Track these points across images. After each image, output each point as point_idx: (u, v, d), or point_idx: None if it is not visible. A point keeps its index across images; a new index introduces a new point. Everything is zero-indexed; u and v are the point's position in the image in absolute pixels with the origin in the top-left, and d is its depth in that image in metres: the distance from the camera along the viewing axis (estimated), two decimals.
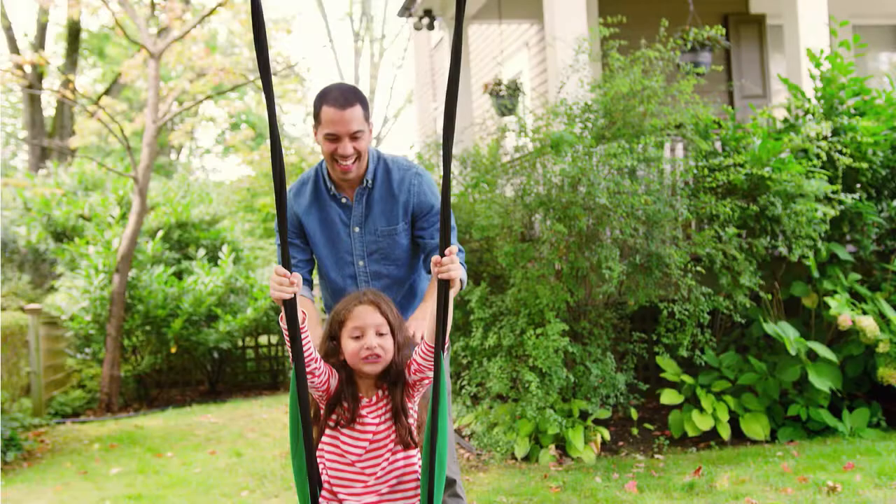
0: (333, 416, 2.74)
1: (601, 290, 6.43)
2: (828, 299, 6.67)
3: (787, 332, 6.60)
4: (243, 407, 10.47)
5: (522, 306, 6.57)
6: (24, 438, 8.21)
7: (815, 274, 6.90)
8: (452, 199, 7.53)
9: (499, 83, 10.23)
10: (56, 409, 10.40)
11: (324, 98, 3.42)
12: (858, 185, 7.21)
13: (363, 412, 2.74)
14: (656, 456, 6.40)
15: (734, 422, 6.74)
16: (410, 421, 2.78)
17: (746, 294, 6.74)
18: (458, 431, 7.24)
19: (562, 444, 6.50)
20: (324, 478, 2.74)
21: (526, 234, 6.90)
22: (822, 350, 6.55)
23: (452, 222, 3.72)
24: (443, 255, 2.58)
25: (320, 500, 2.69)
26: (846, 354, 6.77)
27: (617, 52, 6.99)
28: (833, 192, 6.81)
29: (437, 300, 2.57)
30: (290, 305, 2.50)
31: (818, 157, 6.84)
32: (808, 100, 7.43)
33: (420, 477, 2.70)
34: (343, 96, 3.39)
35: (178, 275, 12.07)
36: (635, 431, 6.88)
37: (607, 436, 6.58)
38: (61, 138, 20.31)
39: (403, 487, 2.75)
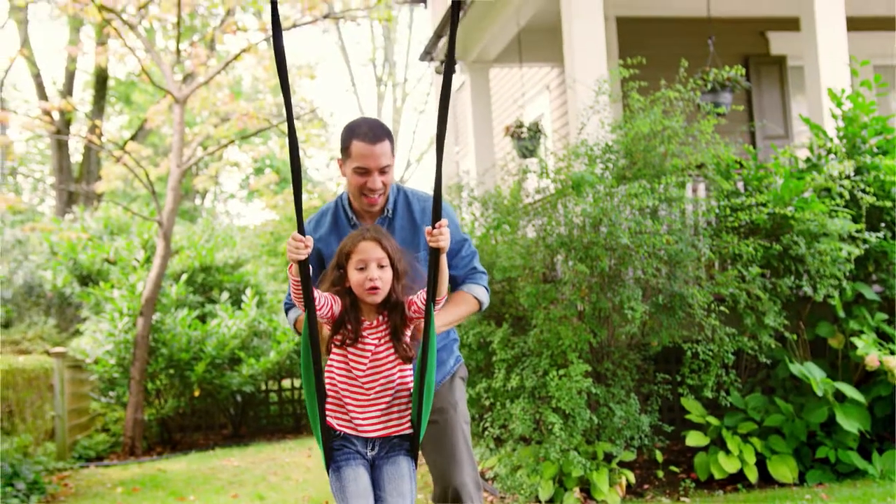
0: (338, 336, 3.12)
1: (624, 330, 6.39)
2: (854, 339, 6.60)
3: (813, 373, 6.53)
4: (266, 450, 10.44)
5: (545, 347, 6.54)
6: (48, 482, 8.21)
7: (841, 314, 6.84)
8: (474, 240, 7.55)
9: (520, 126, 10.27)
10: (80, 452, 10.41)
11: (354, 132, 3.51)
12: (883, 224, 7.16)
13: (364, 333, 3.13)
14: (682, 499, 6.31)
15: (761, 464, 6.65)
16: (407, 340, 3.18)
17: (771, 335, 6.68)
18: (481, 474, 7.17)
19: (586, 487, 6.43)
20: (333, 391, 3.14)
21: (548, 275, 6.89)
22: (850, 391, 6.47)
23: (479, 265, 3.80)
24: (434, 229, 2.98)
25: (332, 410, 3.13)
26: (874, 395, 6.69)
27: (637, 93, 7.01)
28: (857, 231, 6.76)
29: (429, 265, 3.03)
30: (303, 265, 2.94)
31: (841, 195, 6.81)
32: (831, 139, 7.42)
33: (412, 394, 3.16)
34: (373, 131, 3.49)
35: (202, 318, 12.12)
36: (661, 474, 6.80)
37: (632, 478, 6.50)
38: (87, 184, 20.54)
39: (399, 401, 3.17)
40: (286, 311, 3.77)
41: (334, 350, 3.15)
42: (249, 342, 11.72)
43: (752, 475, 6.47)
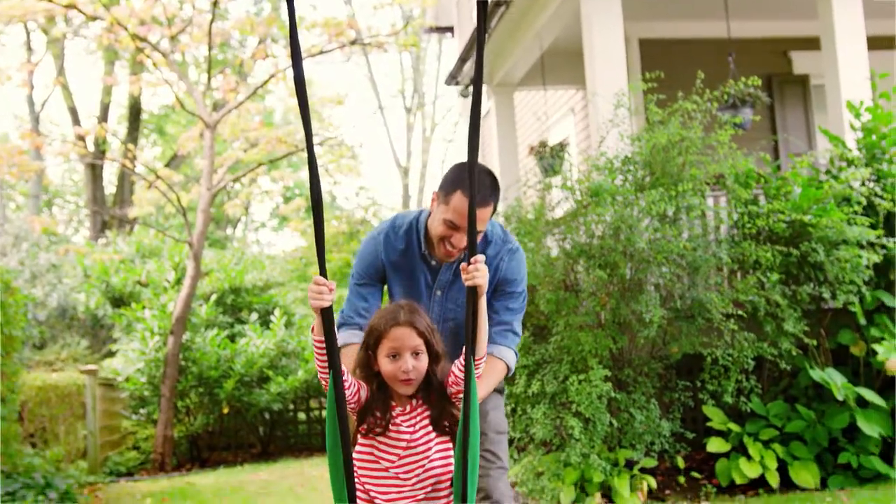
0: (365, 426, 2.82)
1: (643, 334, 6.47)
2: (875, 346, 6.63)
3: (833, 378, 6.56)
4: (294, 466, 10.54)
5: (565, 353, 6.62)
6: (79, 493, 8.36)
7: (863, 321, 6.87)
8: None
9: (543, 145, 10.41)
10: (111, 468, 10.58)
11: (463, 183, 3.26)
12: None
13: (397, 420, 2.82)
14: (703, 503, 6.34)
15: (783, 470, 6.66)
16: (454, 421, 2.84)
17: (792, 342, 6.72)
18: None
19: (608, 493, 6.47)
20: (358, 486, 2.80)
21: (568, 283, 6.98)
22: (871, 396, 6.49)
23: (519, 325, 3.60)
24: (469, 263, 2.65)
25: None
26: None
27: (655, 106, 7.12)
28: (876, 238, 6.81)
29: (466, 307, 2.66)
30: (326, 314, 2.59)
31: (859, 203, 6.87)
32: (850, 150, 7.49)
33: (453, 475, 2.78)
34: (483, 192, 3.26)
35: (231, 338, 12.30)
36: (682, 480, 6.83)
37: (654, 484, 6.54)
38: (121, 209, 20.92)
39: (439, 493, 2.84)
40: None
41: (360, 440, 2.86)
42: (278, 361, 11.88)
43: (774, 480, 6.50)
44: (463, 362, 2.71)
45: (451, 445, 2.84)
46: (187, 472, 10.66)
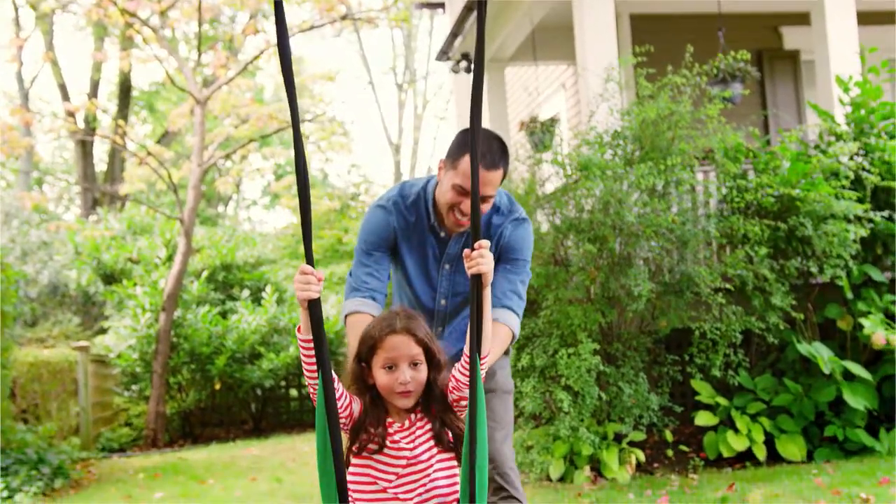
0: (357, 444, 2.54)
1: (631, 308, 6.50)
2: (862, 320, 6.68)
3: (820, 352, 6.61)
4: (286, 441, 10.60)
5: (555, 328, 6.66)
6: (72, 468, 8.39)
7: (850, 295, 6.92)
8: None
9: (533, 120, 10.39)
10: (103, 444, 10.62)
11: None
12: (891, 209, 7.23)
13: (395, 436, 2.54)
14: (691, 476, 6.40)
15: (770, 443, 6.73)
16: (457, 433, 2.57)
17: (779, 316, 6.77)
18: None
19: (597, 466, 6.53)
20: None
21: (558, 257, 7.01)
22: (857, 369, 6.54)
23: (524, 292, 3.43)
24: (473, 249, 2.40)
25: None
26: (882, 374, 6.76)
27: (645, 80, 7.13)
28: (863, 212, 6.84)
29: (470, 298, 2.40)
30: (314, 308, 2.33)
31: (847, 177, 6.90)
32: (838, 125, 7.51)
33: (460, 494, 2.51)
34: (492, 156, 3.15)
35: (223, 315, 12.31)
36: (670, 453, 6.89)
37: (642, 457, 6.60)
38: (111, 186, 20.86)
39: None
40: (344, 300, 3.47)
41: (353, 460, 2.57)
42: (269, 338, 11.90)
43: (761, 453, 6.56)
44: (464, 366, 2.49)
45: (455, 463, 2.58)
46: (179, 448, 10.71)
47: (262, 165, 23.87)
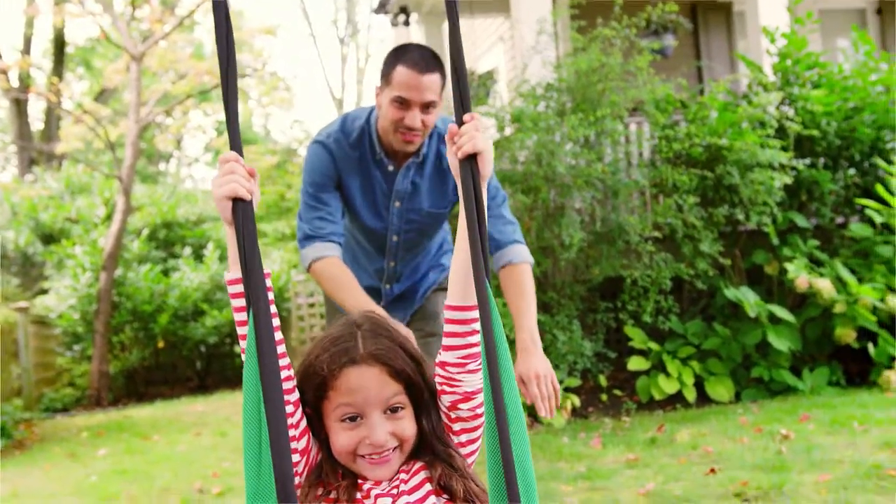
0: (319, 492, 1.63)
1: (564, 257, 6.65)
2: (787, 265, 6.90)
3: (747, 297, 6.83)
4: (230, 398, 10.66)
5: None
6: (15, 428, 8.39)
7: (776, 241, 7.14)
8: None
9: (471, 74, 10.44)
10: (46, 405, 10.59)
11: (400, 57, 3.00)
12: (814, 157, 7.45)
13: (371, 495, 1.62)
14: (623, 419, 6.61)
15: (700, 386, 6.96)
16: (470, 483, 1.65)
17: (708, 262, 6.97)
18: None
19: (533, 412, 6.70)
20: None
21: None
22: (782, 312, 6.78)
23: (500, 188, 3.24)
24: (460, 125, 1.58)
25: None
26: (806, 317, 7.00)
27: (577, 33, 7.22)
28: (787, 160, 7.04)
29: (464, 189, 1.54)
30: (244, 212, 1.44)
31: (772, 126, 7.08)
32: (765, 75, 7.68)
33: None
34: (423, 60, 2.98)
35: (165, 273, 12.28)
36: (604, 398, 7.09)
37: (577, 402, 6.79)
38: (48, 146, 20.51)
39: None
40: (301, 249, 3.18)
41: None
42: (212, 295, 11.90)
43: (691, 395, 6.79)
44: (446, 363, 1.65)
45: None
46: (124, 407, 10.71)
47: (202, 122, 23.64)
